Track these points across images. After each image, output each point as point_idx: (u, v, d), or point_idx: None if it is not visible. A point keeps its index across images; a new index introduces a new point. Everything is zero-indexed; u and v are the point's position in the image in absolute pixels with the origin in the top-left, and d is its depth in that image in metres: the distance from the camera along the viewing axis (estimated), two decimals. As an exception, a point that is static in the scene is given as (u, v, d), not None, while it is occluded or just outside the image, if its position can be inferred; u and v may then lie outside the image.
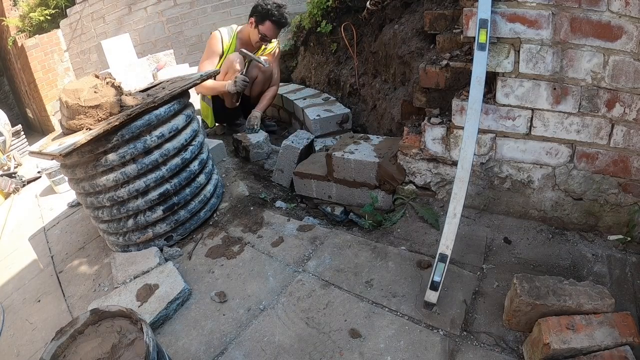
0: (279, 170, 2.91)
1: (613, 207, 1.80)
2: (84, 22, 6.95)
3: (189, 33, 6.91)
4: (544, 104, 1.76)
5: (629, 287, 1.60)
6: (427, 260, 1.84)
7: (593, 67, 1.62)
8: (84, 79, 2.11)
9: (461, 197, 1.62)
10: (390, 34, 2.94)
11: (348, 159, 2.36)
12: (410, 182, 2.25)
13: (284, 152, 2.90)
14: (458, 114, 1.94)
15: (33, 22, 7.08)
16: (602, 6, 1.52)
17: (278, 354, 1.55)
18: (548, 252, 1.81)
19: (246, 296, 1.85)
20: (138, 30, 6.89)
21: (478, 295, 1.65)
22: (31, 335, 2.00)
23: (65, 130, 2.11)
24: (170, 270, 1.99)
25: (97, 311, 1.35)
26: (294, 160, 2.85)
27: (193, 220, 2.36)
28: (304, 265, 1.97)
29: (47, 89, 7.10)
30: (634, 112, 1.61)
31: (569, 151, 1.81)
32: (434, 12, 2.23)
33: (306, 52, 4.65)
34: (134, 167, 2.04)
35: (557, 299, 1.36)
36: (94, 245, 2.55)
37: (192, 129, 2.34)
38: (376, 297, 1.72)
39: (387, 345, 1.51)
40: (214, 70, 2.97)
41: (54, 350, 1.26)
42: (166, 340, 1.69)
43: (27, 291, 2.37)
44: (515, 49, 1.73)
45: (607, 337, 1.26)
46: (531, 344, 1.35)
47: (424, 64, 2.09)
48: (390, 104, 3.01)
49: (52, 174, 3.48)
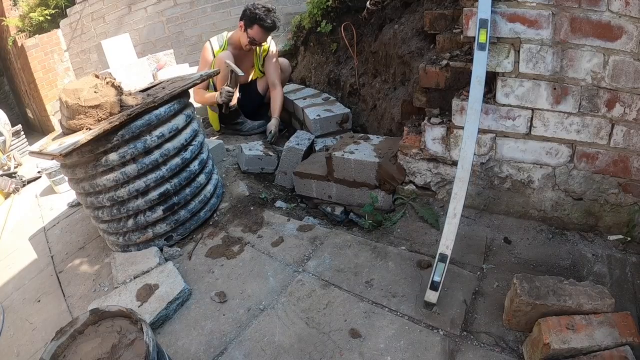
0: (282, 173, 2.90)
1: (613, 207, 1.80)
2: (84, 22, 6.95)
3: (189, 33, 6.91)
4: (544, 103, 1.76)
5: (629, 287, 1.60)
6: (427, 260, 1.84)
7: (593, 67, 1.62)
8: (84, 79, 2.11)
9: (461, 197, 1.62)
10: (390, 34, 2.94)
11: (348, 159, 2.36)
12: (410, 182, 2.25)
13: (287, 154, 2.89)
14: (458, 114, 1.94)
15: (33, 22, 7.08)
16: (602, 6, 1.52)
17: (278, 354, 1.55)
18: (548, 252, 1.81)
19: (246, 296, 1.85)
20: (138, 30, 6.89)
21: (478, 295, 1.65)
22: (31, 335, 2.00)
23: (65, 130, 2.11)
24: (170, 270, 1.99)
25: (97, 311, 1.35)
26: (297, 162, 2.84)
27: (193, 220, 2.35)
28: (304, 265, 1.97)
29: (47, 89, 7.10)
30: (634, 112, 1.61)
31: (569, 151, 1.81)
32: (434, 12, 2.23)
33: (306, 52, 4.65)
34: (134, 167, 2.04)
35: (557, 299, 1.36)
36: (94, 245, 2.55)
37: (192, 129, 2.34)
38: (376, 297, 1.72)
39: (387, 345, 1.51)
40: (214, 70, 2.97)
41: (53, 350, 1.26)
42: (166, 340, 1.69)
43: (27, 291, 2.37)
44: (515, 48, 1.73)
45: (607, 337, 1.26)
46: (531, 344, 1.35)
47: (424, 64, 2.09)
48: (390, 104, 3.01)
49: (52, 174, 3.48)
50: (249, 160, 2.89)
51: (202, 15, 6.79)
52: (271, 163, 2.98)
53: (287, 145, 2.92)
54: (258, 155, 2.92)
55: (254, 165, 2.93)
